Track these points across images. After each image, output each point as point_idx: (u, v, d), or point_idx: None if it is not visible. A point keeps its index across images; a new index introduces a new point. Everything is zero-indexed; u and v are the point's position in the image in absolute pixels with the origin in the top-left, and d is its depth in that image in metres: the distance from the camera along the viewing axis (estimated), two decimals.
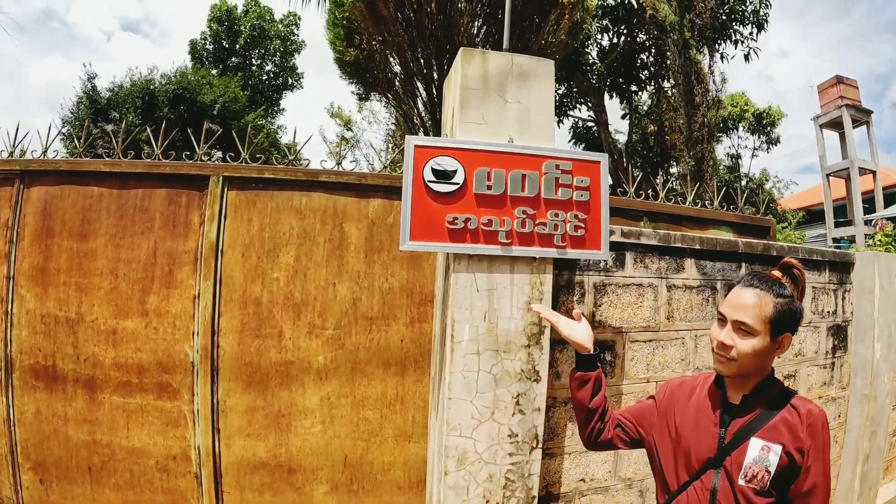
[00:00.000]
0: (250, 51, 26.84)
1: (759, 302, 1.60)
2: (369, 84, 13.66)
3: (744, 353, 1.58)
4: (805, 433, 1.60)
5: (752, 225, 4.44)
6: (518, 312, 2.44)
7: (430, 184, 2.34)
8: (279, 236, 3.19)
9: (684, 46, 13.49)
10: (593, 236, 2.48)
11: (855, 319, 4.24)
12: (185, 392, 3.12)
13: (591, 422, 1.92)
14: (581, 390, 1.92)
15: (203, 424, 3.11)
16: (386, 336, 3.21)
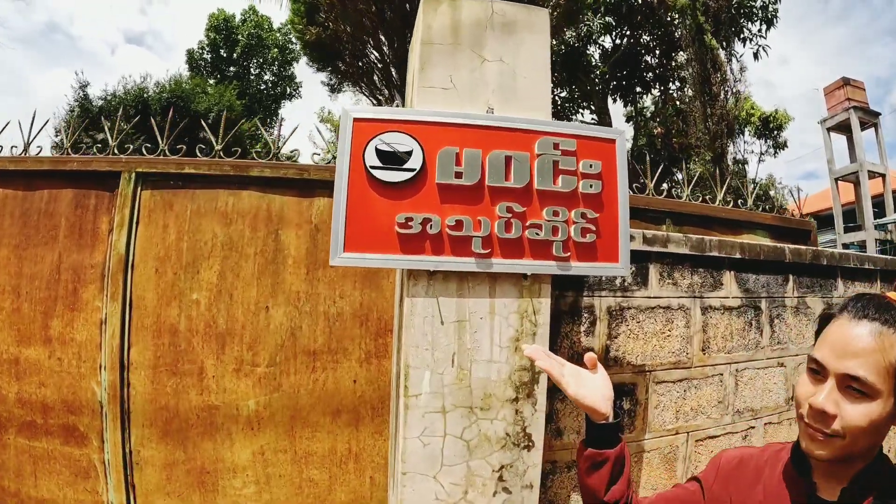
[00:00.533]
0: (248, 60, 26.60)
1: (883, 344, 0.93)
2: (341, 73, 12.79)
3: (855, 427, 0.92)
4: None
5: (791, 228, 3.70)
6: (502, 353, 1.71)
7: (375, 171, 1.64)
8: (200, 247, 2.58)
9: (698, 31, 12.57)
10: (608, 243, 1.75)
11: None
12: (94, 438, 2.57)
13: None
14: (593, 475, 1.21)
15: (115, 478, 2.55)
16: (334, 376, 2.56)
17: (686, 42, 12.92)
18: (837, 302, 2.93)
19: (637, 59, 16.44)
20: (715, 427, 2.38)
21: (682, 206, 3.15)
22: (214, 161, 2.61)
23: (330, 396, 2.53)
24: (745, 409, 2.46)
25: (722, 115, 12.77)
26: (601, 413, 1.21)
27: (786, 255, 2.61)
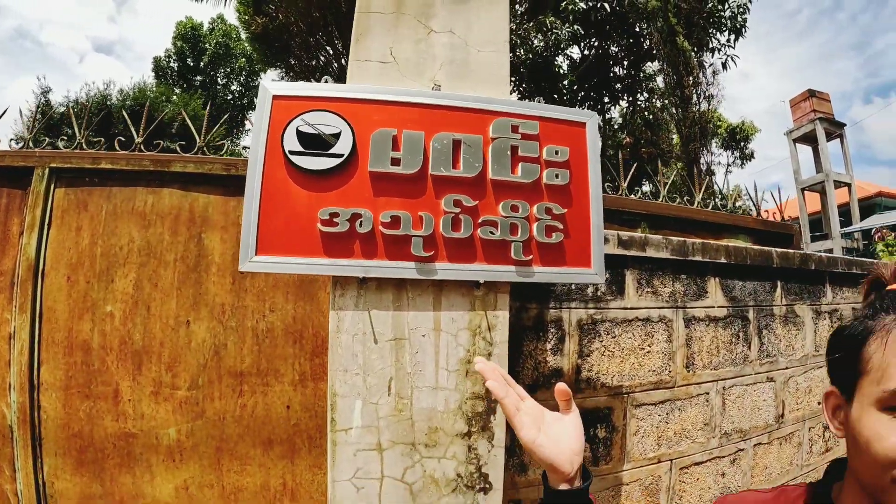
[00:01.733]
0: (215, 69, 26.21)
1: None
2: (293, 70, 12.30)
3: None
4: None
5: (773, 232, 3.44)
6: (450, 378, 1.40)
7: (295, 157, 1.34)
8: (115, 252, 2.27)
9: (670, 33, 12.38)
10: (578, 244, 1.45)
11: None
12: (5, 466, 2.28)
13: None
14: None
15: None
16: (265, 401, 2.22)
17: (658, 45, 12.77)
18: (826, 310, 2.69)
19: (606, 70, 16.47)
20: (701, 452, 2.10)
21: (660, 207, 2.86)
22: (133, 155, 2.29)
23: (261, 424, 2.20)
24: (734, 431, 2.19)
25: (695, 118, 12.63)
26: (563, 472, 0.86)
27: (773, 260, 2.34)
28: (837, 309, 2.78)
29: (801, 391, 2.56)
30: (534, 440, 0.84)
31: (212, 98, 24.96)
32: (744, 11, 13.75)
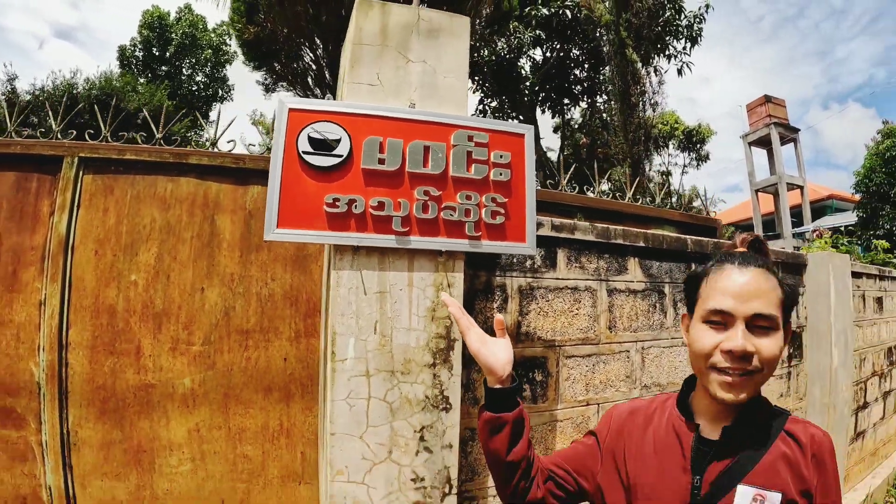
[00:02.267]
0: (181, 59, 26.27)
1: (772, 283, 1.15)
2: (277, 73, 12.95)
3: (771, 357, 1.12)
4: (810, 468, 1.16)
5: (698, 225, 4.06)
6: (419, 322, 1.90)
7: (306, 156, 1.81)
8: (139, 230, 2.67)
9: (620, 46, 13.50)
10: (516, 225, 1.97)
11: (810, 325, 3.94)
12: (31, 420, 2.58)
13: (513, 479, 1.35)
14: (494, 438, 1.34)
15: (53, 460, 2.57)
16: (266, 354, 2.68)
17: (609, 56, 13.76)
18: None
19: (566, 72, 17.30)
20: (624, 399, 2.64)
21: (593, 201, 3.44)
22: (155, 148, 2.72)
23: (262, 374, 2.66)
24: (653, 384, 2.73)
25: (639, 124, 13.65)
26: (497, 375, 1.33)
27: (688, 245, 2.89)
28: None
29: None
30: (479, 350, 1.34)
31: (177, 89, 24.81)
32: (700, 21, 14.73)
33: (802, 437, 1.16)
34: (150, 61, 25.45)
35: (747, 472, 1.12)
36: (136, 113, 17.58)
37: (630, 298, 2.70)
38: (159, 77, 24.65)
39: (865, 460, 5.36)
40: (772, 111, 24.35)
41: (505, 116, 19.53)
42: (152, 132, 2.87)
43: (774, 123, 24.00)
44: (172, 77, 25.49)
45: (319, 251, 2.74)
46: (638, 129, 13.56)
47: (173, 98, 22.11)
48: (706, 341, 1.13)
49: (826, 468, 1.14)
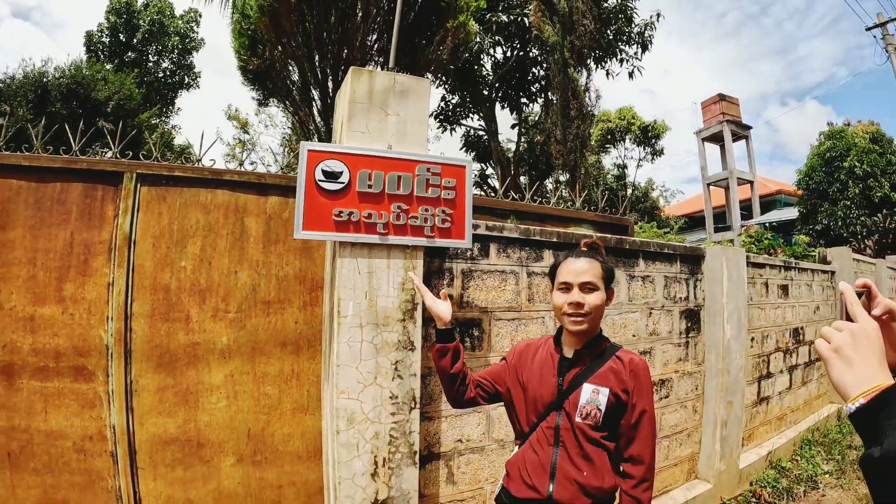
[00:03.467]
0: (148, 46, 26.55)
1: (594, 265, 2.14)
2: (269, 91, 14.37)
3: (595, 306, 2.06)
4: (628, 377, 2.12)
5: (612, 223, 5.20)
6: (394, 291, 2.97)
7: (321, 182, 2.83)
8: (187, 228, 3.52)
9: (563, 65, 15.16)
10: (458, 228, 3.05)
11: (707, 304, 5.09)
12: (100, 374, 3.32)
13: (455, 385, 2.26)
14: (442, 359, 2.24)
15: (118, 404, 3.32)
16: (282, 318, 3.63)
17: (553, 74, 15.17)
18: (639, 275, 4.34)
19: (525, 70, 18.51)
20: None
21: (524, 206, 4.53)
22: (197, 168, 3.63)
23: (279, 333, 3.59)
24: None
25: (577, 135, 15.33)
26: (444, 320, 2.24)
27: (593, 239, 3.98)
28: (649, 275, 4.50)
29: (616, 326, 4.23)
30: (432, 304, 2.30)
31: (144, 76, 24.75)
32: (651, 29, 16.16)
33: (625, 359, 2.16)
34: (117, 47, 25.73)
35: (589, 376, 2.12)
36: (106, 101, 18.03)
37: (545, 279, 3.77)
38: (126, 64, 24.96)
39: (771, 423, 6.54)
40: (725, 109, 25.91)
41: (465, 112, 20.90)
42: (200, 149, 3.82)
43: (727, 121, 25.57)
44: (139, 64, 25.81)
45: (320, 244, 3.64)
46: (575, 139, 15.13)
47: (140, 86, 22.44)
48: (560, 300, 2.15)
49: (640, 378, 2.14)
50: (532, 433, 2.19)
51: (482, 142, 22.41)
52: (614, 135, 29.74)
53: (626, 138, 29.51)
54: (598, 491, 2.08)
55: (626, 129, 29.23)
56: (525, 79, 19.04)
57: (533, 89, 19.65)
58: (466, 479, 3.49)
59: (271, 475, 3.62)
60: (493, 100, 19.66)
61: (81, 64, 19.73)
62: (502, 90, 19.48)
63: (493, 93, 19.51)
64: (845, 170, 19.57)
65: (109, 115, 17.17)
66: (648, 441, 2.15)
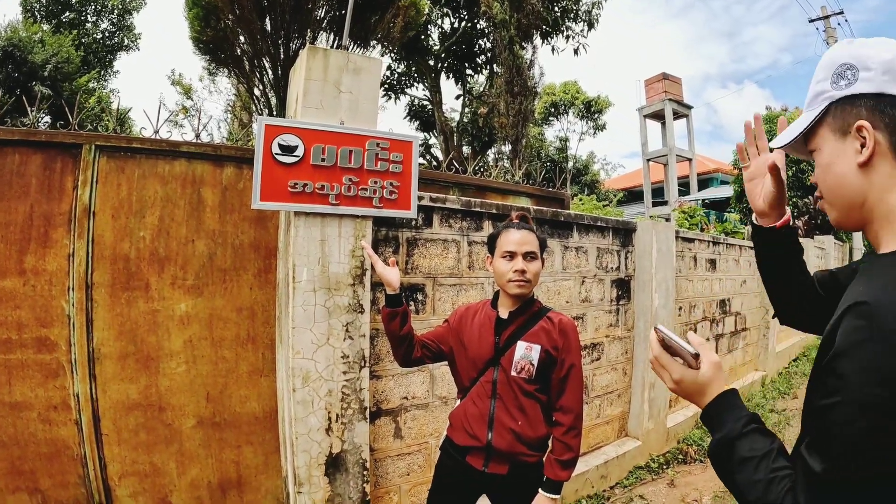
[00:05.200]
0: (86, 6, 25.84)
1: (532, 236, 2.46)
2: (220, 60, 14.53)
3: (535, 273, 2.41)
4: (558, 335, 2.46)
5: (549, 196, 5.65)
6: (345, 258, 3.30)
7: (277, 156, 3.11)
8: (145, 199, 3.66)
9: (510, 42, 15.91)
10: (405, 199, 3.39)
11: (637, 275, 5.57)
12: (62, 344, 3.44)
13: (403, 346, 2.51)
14: (392, 323, 2.45)
15: (81, 372, 3.45)
16: (237, 285, 3.87)
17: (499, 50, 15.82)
18: (573, 246, 4.73)
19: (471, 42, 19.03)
20: None
21: (465, 178, 4.90)
22: (155, 139, 3.76)
23: (235, 299, 3.83)
24: None
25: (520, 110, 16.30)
26: (393, 286, 2.46)
27: (530, 212, 4.35)
28: (582, 246, 4.92)
29: (551, 292, 4.64)
30: (383, 271, 2.51)
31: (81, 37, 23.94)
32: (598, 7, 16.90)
33: (555, 319, 2.51)
34: (54, 7, 24.93)
35: (523, 335, 2.47)
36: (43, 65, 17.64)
37: (485, 248, 4.10)
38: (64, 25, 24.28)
39: None
40: (668, 88, 26.96)
41: (410, 81, 21.46)
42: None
43: (669, 99, 26.55)
44: (77, 25, 25.08)
45: (274, 214, 3.81)
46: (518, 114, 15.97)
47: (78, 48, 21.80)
48: (505, 267, 2.46)
49: (568, 335, 2.49)
50: (472, 387, 2.53)
51: (426, 111, 22.88)
52: (558, 108, 31.43)
53: (570, 112, 31.32)
54: (532, 439, 2.45)
55: (570, 103, 31.04)
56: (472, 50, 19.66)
57: (479, 61, 20.37)
58: (412, 434, 3.86)
59: (230, 436, 3.87)
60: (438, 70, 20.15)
61: (17, 25, 19.22)
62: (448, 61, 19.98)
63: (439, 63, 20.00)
64: None
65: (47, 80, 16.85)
66: (576, 393, 2.50)
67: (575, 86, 31.32)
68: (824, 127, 1.19)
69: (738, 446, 1.12)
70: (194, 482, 3.82)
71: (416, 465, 3.91)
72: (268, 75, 13.60)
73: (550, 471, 2.45)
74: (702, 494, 5.00)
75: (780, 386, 9.05)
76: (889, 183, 1.07)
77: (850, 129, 1.11)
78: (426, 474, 3.92)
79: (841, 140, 1.14)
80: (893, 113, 1.06)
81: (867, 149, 1.08)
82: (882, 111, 1.07)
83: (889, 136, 1.07)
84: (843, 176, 1.14)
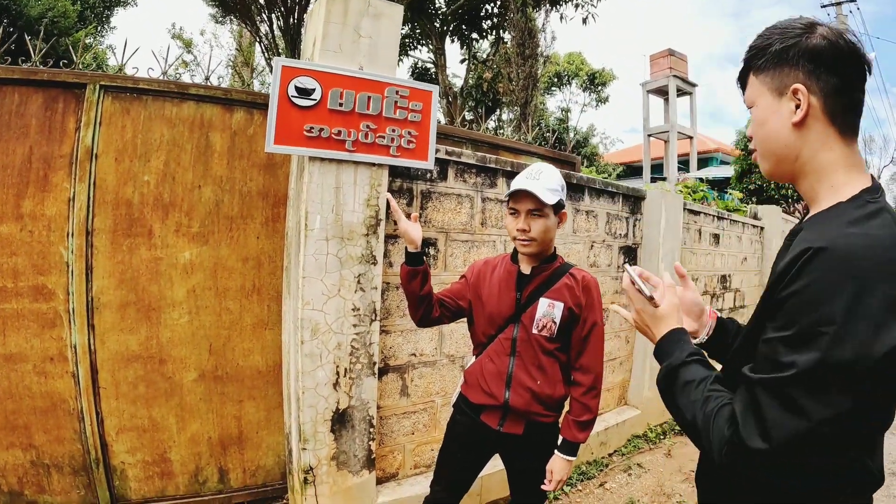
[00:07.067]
0: None
1: None
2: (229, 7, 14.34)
3: (542, 231, 2.33)
4: (581, 292, 2.47)
5: (560, 159, 5.72)
6: (359, 207, 3.32)
7: (293, 98, 3.11)
8: (151, 142, 3.62)
9: (522, 4, 16.01)
10: (422, 150, 3.41)
11: (644, 243, 5.68)
12: (60, 293, 3.41)
13: (423, 306, 2.49)
14: (412, 282, 2.44)
15: (79, 323, 3.44)
16: (244, 234, 3.85)
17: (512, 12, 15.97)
18: (584, 209, 4.76)
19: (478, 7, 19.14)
20: None
21: (479, 135, 4.96)
22: (163, 81, 3.73)
23: (241, 248, 3.82)
24: None
25: (530, 73, 16.44)
26: (416, 244, 2.44)
27: None
28: (593, 210, 4.97)
29: (563, 255, 4.69)
30: (406, 228, 2.48)
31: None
32: None
33: (578, 276, 2.53)
34: None
35: (545, 291, 2.48)
36: (40, 19, 17.53)
37: (497, 205, 4.18)
38: None
39: None
40: (673, 64, 27.14)
41: (415, 43, 21.57)
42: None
43: (674, 76, 26.66)
44: None
45: (284, 161, 3.84)
46: (528, 78, 16.13)
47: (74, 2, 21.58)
48: (510, 225, 2.43)
49: (591, 293, 2.51)
50: (490, 344, 2.54)
51: (429, 74, 22.85)
52: (561, 78, 32.22)
53: (573, 83, 32.03)
54: (549, 399, 2.47)
55: (574, 74, 31.84)
56: (478, 15, 19.66)
57: (485, 26, 20.40)
58: (419, 392, 3.91)
59: (232, 390, 3.91)
60: (443, 33, 20.22)
61: None
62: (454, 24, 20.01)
63: (445, 26, 20.05)
64: None
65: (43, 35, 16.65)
66: (597, 352, 2.52)
67: (579, 57, 31.94)
68: (761, 84, 1.30)
69: (680, 373, 1.32)
70: (194, 437, 3.85)
71: (421, 423, 3.97)
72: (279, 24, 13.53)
73: (568, 432, 2.47)
74: None
75: None
76: (821, 142, 1.22)
77: (786, 91, 1.23)
78: (431, 434, 3.99)
79: (776, 99, 1.26)
80: (828, 78, 1.18)
81: (801, 110, 1.20)
82: (818, 76, 1.19)
83: (822, 99, 1.19)
84: (777, 132, 1.27)
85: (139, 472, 3.71)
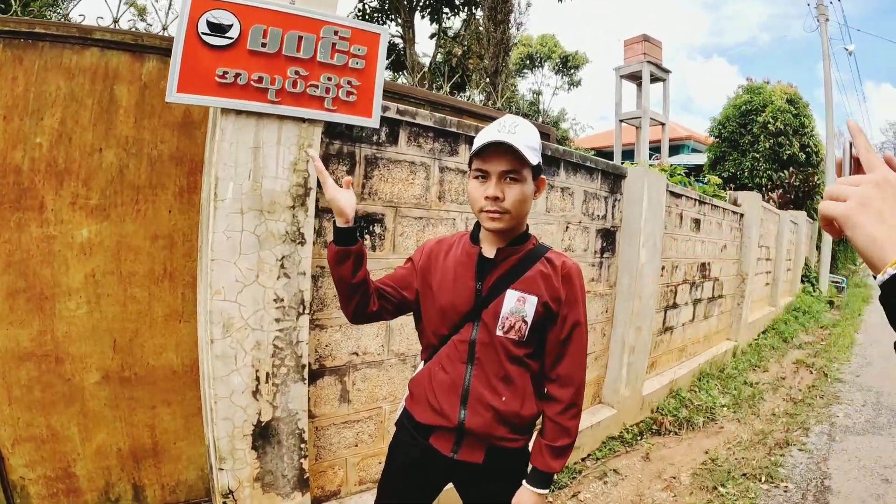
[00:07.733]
0: None
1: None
2: None
3: (515, 201, 1.80)
4: (561, 283, 1.93)
5: None
6: (284, 172, 2.74)
7: (204, 35, 2.54)
8: (45, 97, 3.19)
9: None
10: (365, 104, 2.83)
11: (624, 226, 5.28)
12: None
13: (355, 297, 1.94)
14: (342, 266, 1.88)
15: None
16: (154, 207, 3.35)
17: None
18: (559, 185, 4.30)
19: None
20: None
21: (441, 97, 4.43)
22: (62, 24, 3.25)
23: (150, 224, 3.32)
24: None
25: (501, 39, 17.12)
26: (346, 217, 1.84)
27: None
28: (569, 187, 4.50)
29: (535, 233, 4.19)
30: (333, 195, 1.82)
31: None
32: None
33: (556, 262, 1.97)
34: None
35: (514, 281, 1.92)
36: None
37: (459, 176, 3.64)
38: None
39: (674, 353, 7.19)
40: (648, 50, 28.10)
41: (384, 17, 22.01)
42: None
43: (648, 61, 27.26)
44: None
45: (203, 119, 3.35)
46: (499, 44, 16.74)
47: None
48: (475, 193, 1.84)
49: (573, 284, 1.97)
50: (442, 348, 2.01)
51: (397, 49, 23.27)
52: (534, 60, 33.70)
53: (546, 65, 33.60)
54: (516, 418, 1.95)
55: (547, 57, 33.34)
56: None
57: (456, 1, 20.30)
58: (363, 398, 3.38)
59: (143, 394, 3.42)
60: (413, 7, 20.13)
61: None
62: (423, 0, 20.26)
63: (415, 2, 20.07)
64: (759, 124, 22.35)
65: None
66: (579, 359, 2.00)
67: (553, 39, 33.48)
68: None
69: None
70: (101, 449, 3.38)
71: (365, 433, 3.45)
72: None
73: (540, 459, 1.96)
74: (679, 471, 4.86)
75: (750, 358, 9.32)
76: None
77: None
78: (377, 445, 3.47)
79: None
80: None
81: None
82: None
83: None
84: None
85: (41, 488, 3.27)
